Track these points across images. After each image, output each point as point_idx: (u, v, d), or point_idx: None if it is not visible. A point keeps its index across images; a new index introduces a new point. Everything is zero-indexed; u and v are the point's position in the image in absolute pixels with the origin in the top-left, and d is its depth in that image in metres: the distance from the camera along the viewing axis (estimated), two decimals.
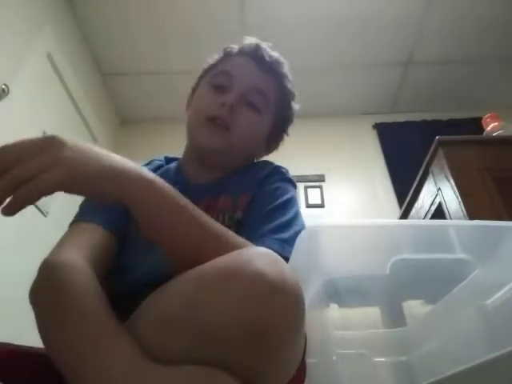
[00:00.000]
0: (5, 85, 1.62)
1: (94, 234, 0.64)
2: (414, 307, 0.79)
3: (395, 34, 2.33)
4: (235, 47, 0.83)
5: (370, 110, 2.82)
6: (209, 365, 0.40)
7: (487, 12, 2.20)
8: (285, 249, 0.62)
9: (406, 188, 1.60)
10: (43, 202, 1.84)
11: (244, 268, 0.41)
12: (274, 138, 0.86)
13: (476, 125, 1.69)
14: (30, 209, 1.75)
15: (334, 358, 0.61)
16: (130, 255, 0.66)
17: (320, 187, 2.52)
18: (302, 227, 0.69)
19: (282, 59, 0.83)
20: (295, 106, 0.87)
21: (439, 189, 1.25)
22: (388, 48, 2.42)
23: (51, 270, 0.53)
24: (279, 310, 0.40)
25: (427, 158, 1.32)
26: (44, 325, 0.49)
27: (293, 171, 2.91)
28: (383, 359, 0.74)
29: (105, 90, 2.61)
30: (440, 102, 2.74)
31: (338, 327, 0.65)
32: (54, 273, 0.52)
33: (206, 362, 0.40)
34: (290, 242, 0.64)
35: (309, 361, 0.58)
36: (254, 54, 0.79)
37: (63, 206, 1.91)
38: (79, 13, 2.19)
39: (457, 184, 1.15)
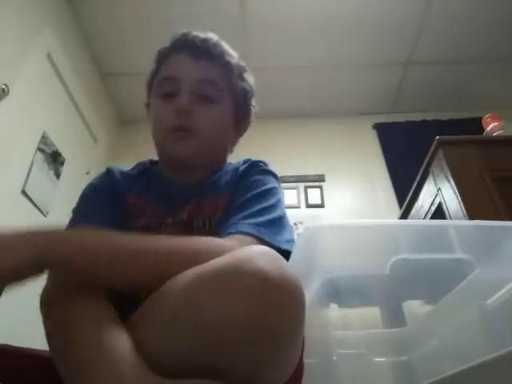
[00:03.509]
0: (5, 85, 1.62)
1: None
2: (414, 307, 0.79)
3: (395, 34, 2.33)
4: (167, 46, 0.80)
5: (369, 110, 2.82)
6: (208, 364, 0.40)
7: (487, 12, 2.20)
8: (260, 231, 0.60)
9: (406, 188, 1.60)
10: (43, 201, 1.84)
11: (244, 266, 0.42)
12: (242, 117, 0.83)
13: (476, 125, 1.69)
14: (30, 209, 1.76)
15: (334, 358, 0.61)
16: None
17: (320, 187, 2.52)
18: (283, 214, 0.68)
19: (213, 36, 0.79)
20: (249, 76, 0.83)
21: (439, 189, 1.25)
22: (388, 48, 2.42)
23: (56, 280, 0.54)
24: (280, 307, 0.40)
25: (427, 158, 1.32)
26: (51, 333, 0.49)
27: (293, 171, 2.90)
28: (383, 359, 0.74)
29: (105, 90, 2.61)
30: (440, 101, 2.74)
31: (338, 327, 0.65)
32: (59, 283, 0.53)
33: (205, 361, 0.40)
34: (267, 225, 0.62)
35: (309, 361, 0.58)
36: (186, 45, 0.77)
37: (63, 206, 1.91)
38: (79, 13, 2.19)
39: (457, 184, 1.15)
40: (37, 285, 0.58)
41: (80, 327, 0.46)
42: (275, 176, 0.76)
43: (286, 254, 0.59)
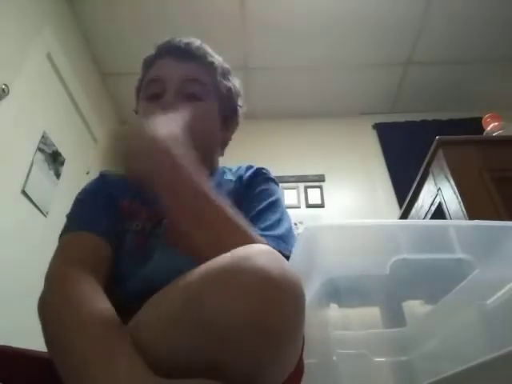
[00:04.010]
0: (5, 85, 1.62)
1: (92, 244, 0.64)
2: (414, 307, 0.79)
3: (395, 34, 2.33)
4: (152, 53, 0.82)
5: (369, 110, 2.82)
6: (209, 364, 0.40)
7: (487, 12, 2.20)
8: (280, 244, 0.64)
9: (406, 188, 1.60)
10: (43, 201, 1.84)
11: (245, 265, 0.42)
12: (229, 116, 0.84)
13: (476, 125, 1.69)
14: (30, 209, 1.76)
15: (334, 358, 0.61)
16: (127, 265, 0.66)
17: (320, 187, 2.52)
18: (291, 224, 0.72)
19: (196, 40, 0.80)
20: (234, 78, 0.85)
21: (439, 189, 1.25)
22: (388, 48, 2.42)
23: (56, 284, 0.55)
24: (280, 306, 0.40)
25: (427, 158, 1.32)
26: (50, 337, 0.49)
27: (293, 171, 2.91)
28: (383, 359, 0.74)
29: (105, 90, 2.61)
30: (440, 101, 2.74)
31: (338, 327, 0.65)
32: (59, 287, 0.53)
33: (205, 360, 0.40)
34: (284, 238, 0.66)
35: (309, 361, 0.58)
36: (170, 50, 0.79)
37: (63, 206, 1.91)
38: (79, 13, 2.19)
39: (457, 184, 1.15)
40: (37, 286, 0.58)
41: (79, 329, 0.46)
42: (278, 184, 0.79)
43: None
